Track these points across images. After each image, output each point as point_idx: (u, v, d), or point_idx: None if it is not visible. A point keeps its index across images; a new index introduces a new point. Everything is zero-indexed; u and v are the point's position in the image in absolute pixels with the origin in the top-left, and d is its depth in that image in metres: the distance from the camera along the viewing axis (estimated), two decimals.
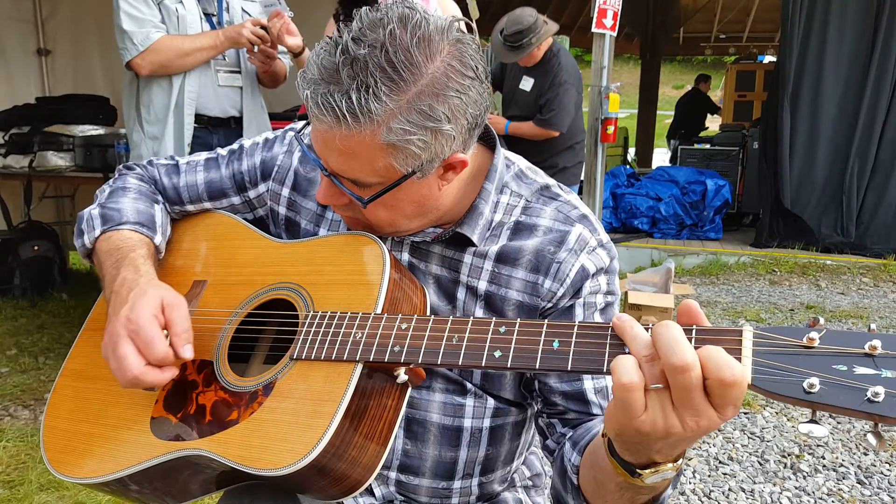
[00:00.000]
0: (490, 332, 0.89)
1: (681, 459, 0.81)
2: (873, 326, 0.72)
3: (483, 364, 0.88)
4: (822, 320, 0.73)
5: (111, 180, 1.33)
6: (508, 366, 0.86)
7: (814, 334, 0.71)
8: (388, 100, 0.91)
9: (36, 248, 5.06)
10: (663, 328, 0.73)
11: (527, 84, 4.59)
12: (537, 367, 0.84)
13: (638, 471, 0.80)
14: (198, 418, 1.03)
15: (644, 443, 0.77)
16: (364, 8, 0.96)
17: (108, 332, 1.05)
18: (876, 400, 0.66)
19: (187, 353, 1.02)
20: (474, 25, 3.65)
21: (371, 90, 0.90)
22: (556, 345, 0.83)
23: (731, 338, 0.74)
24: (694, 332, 0.75)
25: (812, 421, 0.71)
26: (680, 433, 0.73)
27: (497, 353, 0.87)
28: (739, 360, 0.72)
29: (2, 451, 2.85)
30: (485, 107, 1.00)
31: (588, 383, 1.08)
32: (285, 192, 1.25)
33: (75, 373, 1.23)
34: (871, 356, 0.69)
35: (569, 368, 0.81)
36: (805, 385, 0.69)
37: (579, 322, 0.87)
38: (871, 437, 0.69)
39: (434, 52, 0.93)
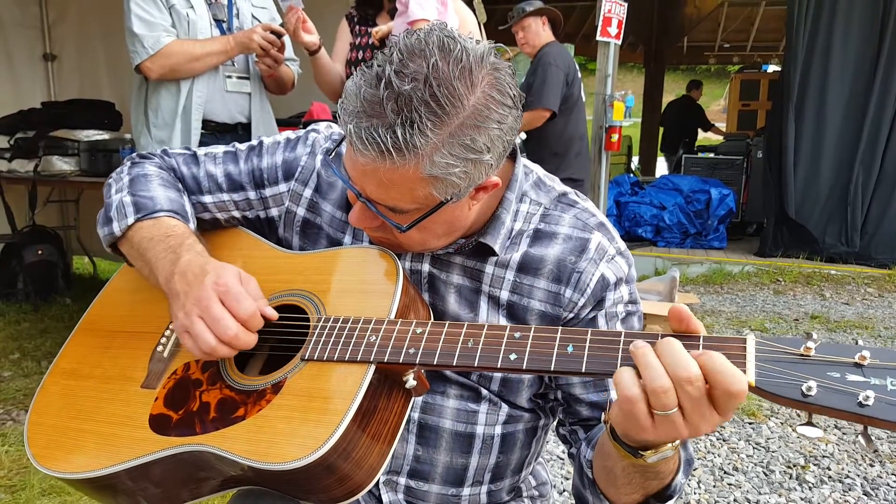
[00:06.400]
0: (505, 337, 0.92)
1: (679, 440, 0.87)
2: (860, 341, 0.81)
3: (499, 366, 0.90)
4: (815, 335, 0.80)
5: (125, 167, 1.30)
6: (524, 367, 0.89)
7: (811, 344, 0.79)
8: (432, 134, 0.91)
9: (40, 252, 5.07)
10: (666, 344, 0.79)
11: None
12: (552, 368, 0.88)
13: (640, 452, 0.86)
14: (201, 415, 1.02)
15: (645, 440, 0.84)
16: (401, 34, 0.96)
17: (188, 302, 1.03)
18: (867, 403, 0.73)
19: (270, 311, 1.05)
20: (483, 29, 3.64)
21: (416, 125, 0.90)
22: (570, 349, 0.88)
23: (735, 345, 0.81)
24: (701, 341, 0.81)
25: (809, 423, 0.79)
26: (685, 437, 0.81)
27: (512, 356, 0.90)
28: (744, 364, 0.79)
29: (4, 456, 2.83)
30: (516, 131, 1.01)
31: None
32: (308, 193, 1.24)
33: (66, 371, 1.20)
34: (860, 366, 0.76)
35: (583, 370, 0.86)
36: (803, 388, 0.76)
37: (592, 329, 0.90)
38: (861, 439, 0.78)
39: (475, 82, 0.93)
